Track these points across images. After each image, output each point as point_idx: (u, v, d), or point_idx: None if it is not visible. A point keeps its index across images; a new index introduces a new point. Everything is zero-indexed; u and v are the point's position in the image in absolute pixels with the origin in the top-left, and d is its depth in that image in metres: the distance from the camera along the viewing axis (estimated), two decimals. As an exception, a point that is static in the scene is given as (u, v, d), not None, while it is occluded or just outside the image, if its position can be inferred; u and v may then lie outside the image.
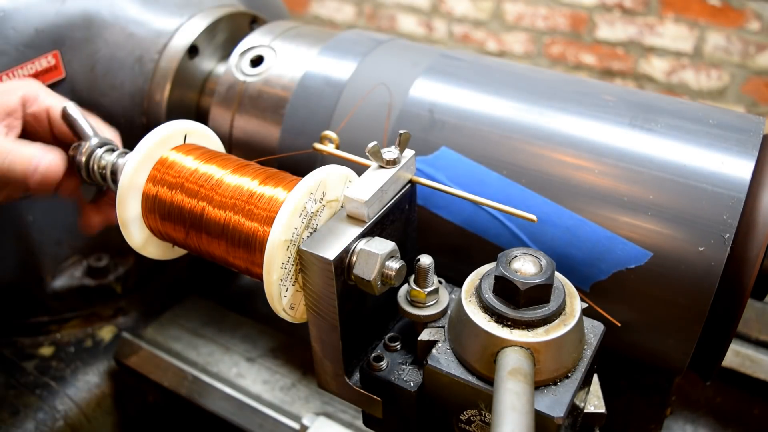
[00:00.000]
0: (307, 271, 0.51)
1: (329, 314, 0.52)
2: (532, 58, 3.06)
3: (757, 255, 0.59)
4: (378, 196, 0.53)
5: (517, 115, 0.68)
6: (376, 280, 0.50)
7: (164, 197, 0.58)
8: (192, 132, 0.62)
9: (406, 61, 0.77)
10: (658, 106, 0.67)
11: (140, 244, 0.62)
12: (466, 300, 0.50)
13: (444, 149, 0.67)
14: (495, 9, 3.04)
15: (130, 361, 0.93)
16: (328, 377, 0.57)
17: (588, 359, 0.50)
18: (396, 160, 0.55)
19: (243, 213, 0.54)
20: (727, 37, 2.66)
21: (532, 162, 0.65)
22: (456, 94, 0.71)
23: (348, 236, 0.51)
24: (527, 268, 0.49)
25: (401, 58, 0.78)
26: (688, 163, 0.61)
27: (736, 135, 0.63)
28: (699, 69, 2.77)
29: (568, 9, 2.90)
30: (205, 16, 0.87)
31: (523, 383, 0.43)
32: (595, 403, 0.55)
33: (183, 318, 0.99)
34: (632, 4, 2.76)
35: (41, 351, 0.93)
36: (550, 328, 0.48)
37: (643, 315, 0.63)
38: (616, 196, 0.62)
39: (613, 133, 0.65)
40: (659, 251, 0.60)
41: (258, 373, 0.90)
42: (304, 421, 0.78)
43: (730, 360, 0.87)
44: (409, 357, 0.56)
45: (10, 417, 0.84)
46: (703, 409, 0.87)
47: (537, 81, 0.73)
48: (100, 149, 0.65)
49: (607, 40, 2.90)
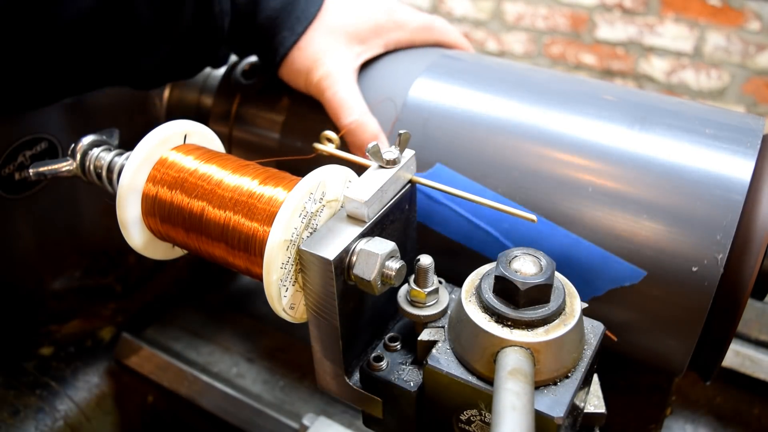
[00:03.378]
0: (307, 271, 0.51)
1: (329, 314, 0.52)
2: (532, 58, 3.07)
3: (757, 255, 0.59)
4: (378, 196, 0.53)
5: (516, 115, 0.68)
6: (376, 280, 0.51)
7: (164, 197, 0.58)
8: (192, 132, 0.62)
9: (405, 61, 0.77)
10: (658, 106, 0.67)
11: (140, 245, 0.62)
12: (466, 300, 0.50)
13: (438, 166, 0.68)
14: (495, 9, 3.05)
15: (130, 361, 0.93)
16: (328, 377, 0.57)
17: (588, 359, 0.50)
18: (396, 160, 0.55)
19: (243, 213, 0.54)
20: (727, 37, 2.66)
21: (530, 162, 0.65)
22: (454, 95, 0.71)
23: (348, 236, 0.51)
24: (527, 268, 0.49)
25: (401, 59, 0.78)
26: (687, 163, 0.61)
27: (736, 135, 0.63)
28: (699, 69, 2.77)
29: (568, 9, 2.90)
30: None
31: (523, 383, 0.43)
32: (595, 403, 0.55)
33: (183, 318, 0.99)
34: (632, 4, 2.76)
35: (41, 351, 0.93)
36: (550, 328, 0.48)
37: (643, 315, 0.63)
38: (615, 195, 0.62)
39: (612, 133, 0.65)
40: (659, 251, 0.60)
41: (258, 373, 0.90)
42: (304, 421, 0.78)
43: (730, 360, 0.87)
44: (409, 357, 0.56)
45: (10, 417, 0.84)
46: (703, 409, 0.87)
47: (536, 80, 0.73)
48: (97, 148, 0.65)
49: (607, 40, 2.90)
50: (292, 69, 0.75)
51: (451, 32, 0.84)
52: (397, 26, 0.78)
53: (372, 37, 0.76)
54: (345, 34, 0.75)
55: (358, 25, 0.75)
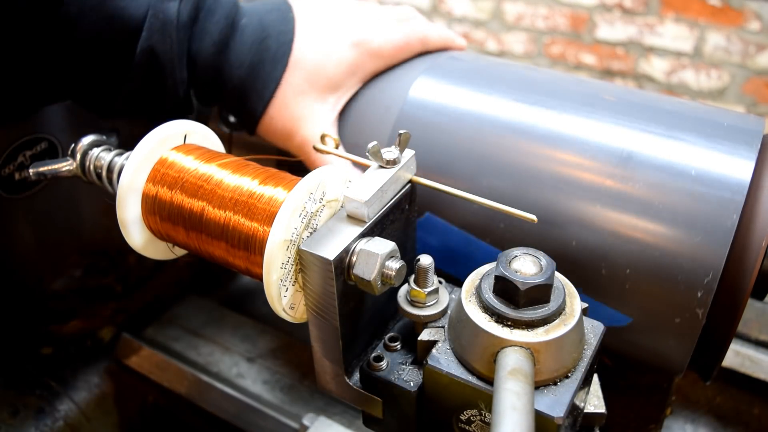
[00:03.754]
0: (307, 271, 0.51)
1: (329, 314, 0.52)
2: (532, 58, 3.07)
3: (757, 255, 0.59)
4: (378, 196, 0.53)
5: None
6: (376, 280, 0.51)
7: (164, 197, 0.58)
8: (192, 132, 0.62)
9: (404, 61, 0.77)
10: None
11: (140, 245, 0.62)
12: (466, 300, 0.50)
13: (428, 216, 0.68)
14: (495, 9, 3.05)
15: (130, 361, 0.93)
16: (328, 377, 0.57)
17: (588, 359, 0.50)
18: (396, 160, 0.55)
19: (243, 213, 0.54)
20: (727, 37, 2.66)
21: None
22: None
23: (348, 236, 0.51)
24: (527, 268, 0.49)
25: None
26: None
27: (736, 135, 0.63)
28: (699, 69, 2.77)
29: (568, 9, 2.90)
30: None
31: (523, 383, 0.43)
32: (595, 403, 0.55)
33: (183, 318, 0.99)
34: (632, 4, 2.76)
35: (41, 351, 0.93)
36: (550, 328, 0.48)
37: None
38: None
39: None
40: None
41: (258, 373, 0.90)
42: (304, 421, 0.78)
43: (730, 360, 0.87)
44: (409, 357, 0.56)
45: (10, 417, 0.84)
46: (703, 409, 0.87)
47: (536, 80, 0.73)
48: (97, 148, 0.65)
49: (607, 40, 2.90)
50: (268, 134, 0.73)
51: (433, 38, 0.77)
52: (373, 56, 0.73)
53: (346, 79, 0.72)
54: (316, 89, 0.71)
55: (329, 73, 0.71)
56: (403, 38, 0.74)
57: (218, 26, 0.68)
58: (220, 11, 0.69)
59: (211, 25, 0.68)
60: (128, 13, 0.64)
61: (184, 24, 0.66)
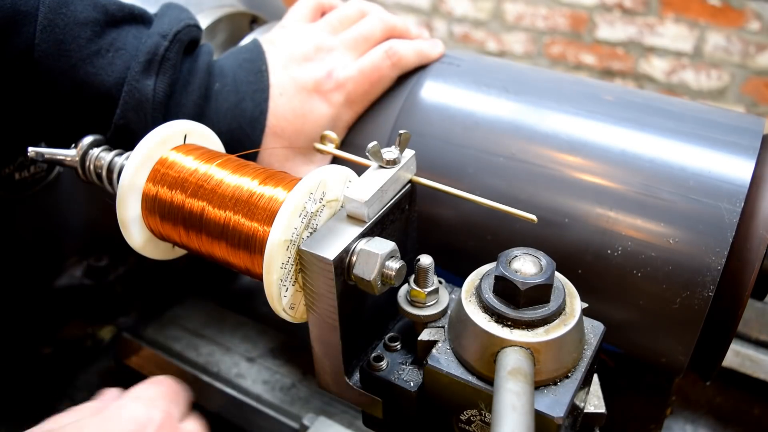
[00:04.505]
0: (307, 271, 0.51)
1: (329, 314, 0.52)
2: (532, 58, 3.07)
3: (757, 255, 0.59)
4: (378, 196, 0.53)
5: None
6: (376, 280, 0.50)
7: (164, 197, 0.58)
8: (192, 132, 0.62)
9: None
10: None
11: (140, 245, 0.62)
12: (466, 300, 0.50)
13: None
14: (495, 9, 3.05)
15: (130, 361, 0.93)
16: (328, 377, 0.57)
17: (588, 359, 0.50)
18: (396, 160, 0.55)
19: (243, 213, 0.54)
20: (727, 37, 2.66)
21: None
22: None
23: (348, 236, 0.51)
24: (527, 268, 0.49)
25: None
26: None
27: (736, 135, 0.63)
28: (699, 69, 2.77)
29: (568, 9, 2.90)
30: (205, 17, 0.87)
31: (523, 383, 0.43)
32: (595, 403, 0.55)
33: (183, 318, 0.99)
34: (632, 4, 2.76)
35: (41, 351, 0.93)
36: (550, 328, 0.48)
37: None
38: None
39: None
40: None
41: (258, 373, 0.89)
42: (305, 421, 0.78)
43: (730, 360, 0.87)
44: (409, 357, 0.56)
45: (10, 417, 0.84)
46: (703, 409, 0.87)
47: (535, 81, 0.73)
48: (97, 148, 0.65)
49: (607, 40, 2.90)
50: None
51: (409, 58, 0.74)
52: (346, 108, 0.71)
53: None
54: (300, 152, 0.71)
55: (309, 136, 0.70)
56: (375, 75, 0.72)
57: (192, 97, 0.67)
58: (194, 82, 0.67)
59: (184, 98, 0.67)
60: (99, 80, 0.64)
61: (159, 102, 0.65)
